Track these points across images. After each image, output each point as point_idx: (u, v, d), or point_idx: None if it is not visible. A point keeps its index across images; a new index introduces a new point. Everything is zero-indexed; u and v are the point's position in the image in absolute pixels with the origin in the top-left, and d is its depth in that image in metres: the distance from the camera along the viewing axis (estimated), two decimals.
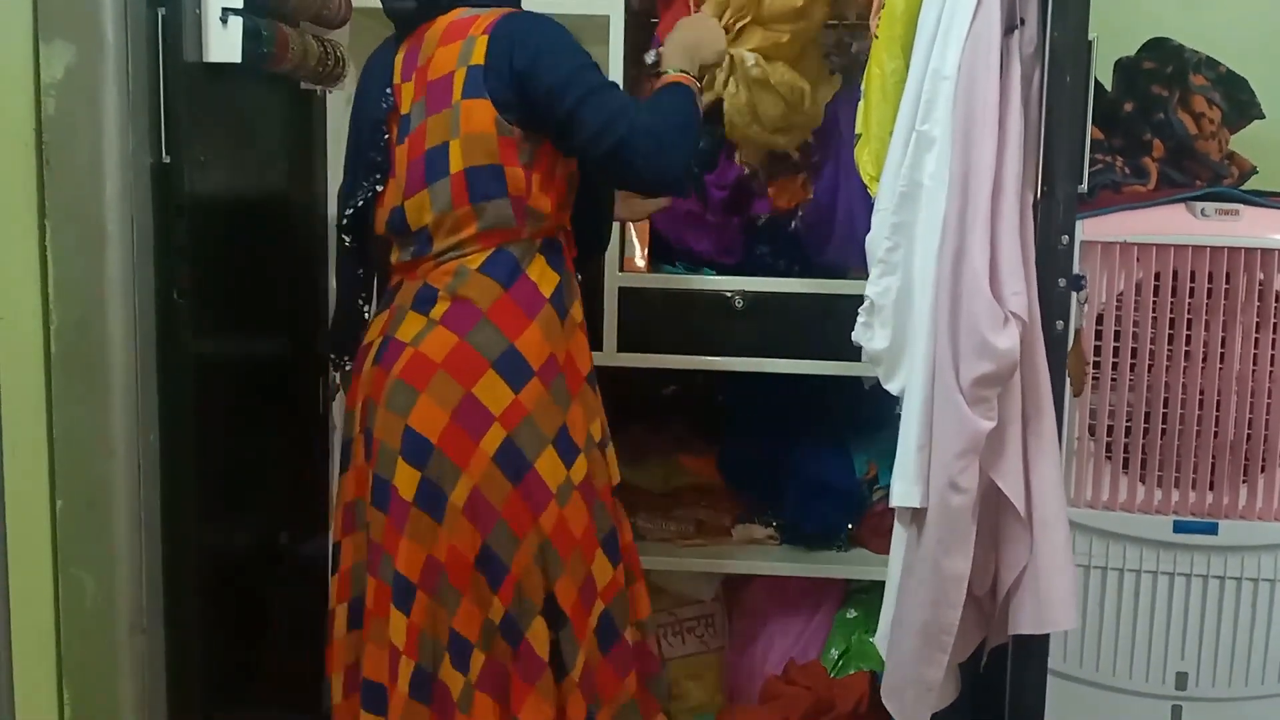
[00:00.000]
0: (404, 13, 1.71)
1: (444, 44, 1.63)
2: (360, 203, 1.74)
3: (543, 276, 1.66)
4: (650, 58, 2.23)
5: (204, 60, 1.68)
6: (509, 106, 1.59)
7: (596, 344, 2.15)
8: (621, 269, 2.20)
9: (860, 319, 1.65)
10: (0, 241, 1.56)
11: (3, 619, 1.59)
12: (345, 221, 1.78)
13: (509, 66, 1.58)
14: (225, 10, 1.67)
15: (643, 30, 2.32)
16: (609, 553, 1.69)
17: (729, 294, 2.19)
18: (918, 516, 1.56)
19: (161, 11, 1.62)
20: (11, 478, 1.58)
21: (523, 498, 1.59)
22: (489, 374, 1.59)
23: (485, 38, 1.60)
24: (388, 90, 1.69)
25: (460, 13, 1.66)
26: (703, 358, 2.21)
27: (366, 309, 1.85)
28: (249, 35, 1.71)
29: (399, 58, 1.71)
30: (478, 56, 1.59)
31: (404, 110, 1.67)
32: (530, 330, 1.62)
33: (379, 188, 1.71)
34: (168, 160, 1.65)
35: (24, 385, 1.59)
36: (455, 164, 1.60)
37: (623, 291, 2.19)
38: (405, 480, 1.59)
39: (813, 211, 2.22)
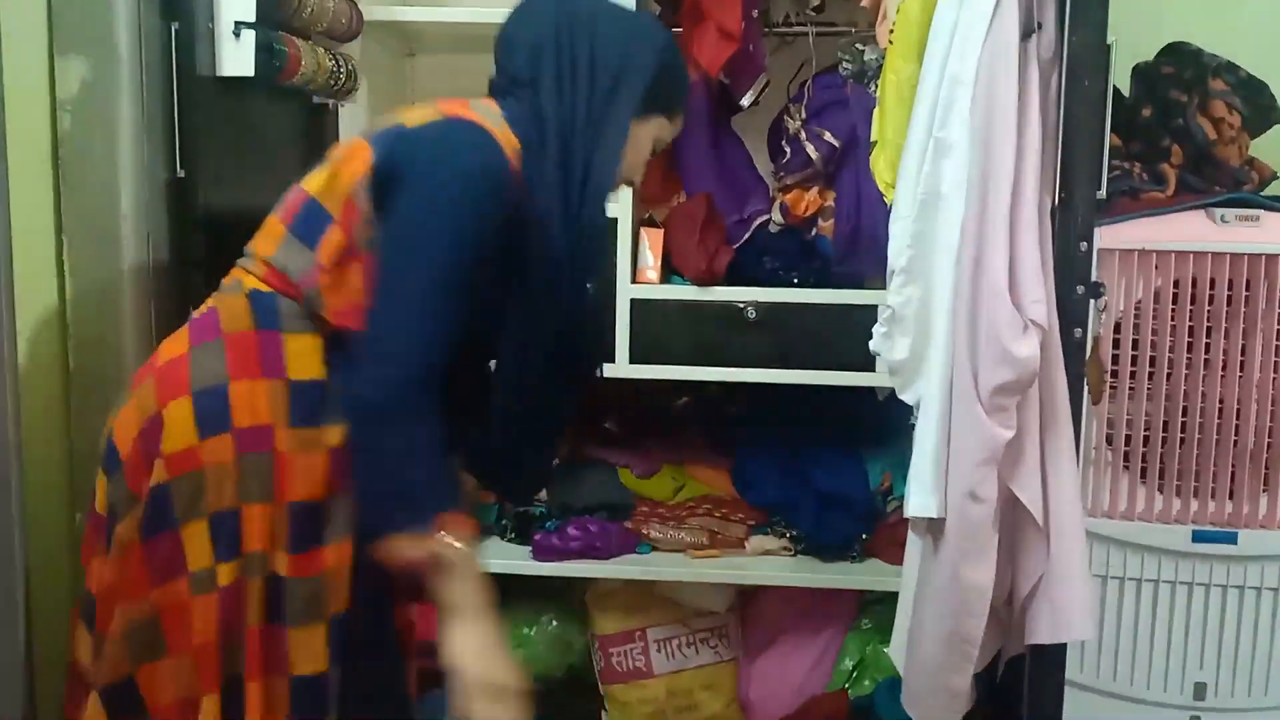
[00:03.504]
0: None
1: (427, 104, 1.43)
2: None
3: (302, 359, 1.36)
4: (747, 100, 2.24)
5: (217, 74, 1.68)
6: (381, 189, 1.34)
7: (609, 355, 2.15)
8: (634, 280, 2.20)
9: (880, 329, 1.64)
10: (18, 257, 1.56)
11: (22, 631, 1.59)
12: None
13: (386, 164, 1.35)
14: (238, 24, 1.68)
15: None
16: (225, 699, 1.34)
17: (742, 305, 2.18)
18: (934, 526, 1.55)
19: (175, 26, 1.63)
20: (31, 491, 1.59)
21: (148, 558, 1.32)
22: (182, 401, 1.33)
23: (434, 120, 1.37)
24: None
25: (474, 102, 1.42)
26: (715, 369, 2.20)
27: None
28: (261, 49, 1.72)
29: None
30: (414, 121, 1.38)
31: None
32: (256, 385, 1.34)
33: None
34: (182, 174, 1.65)
35: (43, 399, 1.60)
36: (309, 184, 1.41)
37: (635, 303, 2.18)
38: (100, 489, 1.38)
39: (842, 220, 2.21)
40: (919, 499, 1.53)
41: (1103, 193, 1.54)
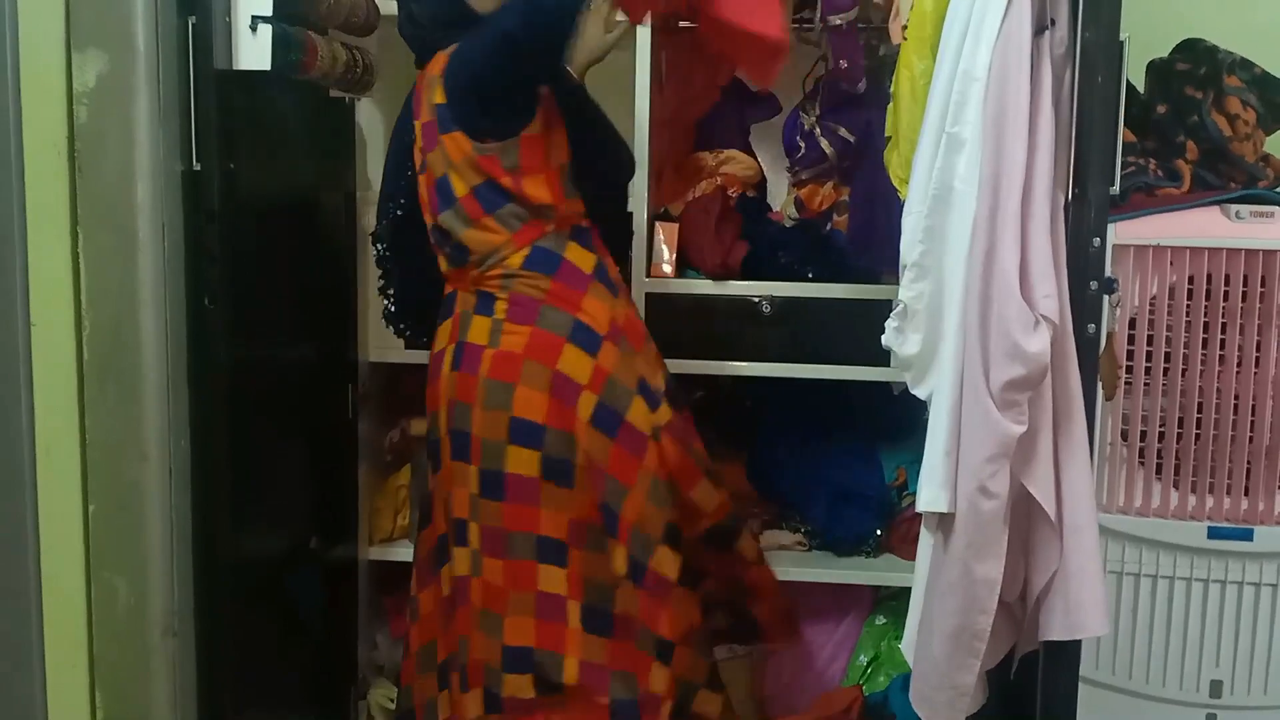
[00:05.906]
0: (417, 44, 1.86)
1: (427, 89, 1.79)
2: (399, 211, 1.90)
3: (580, 258, 1.80)
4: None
5: (234, 68, 1.69)
6: (478, 128, 1.73)
7: None
8: (648, 275, 2.20)
9: (892, 323, 1.64)
10: (33, 248, 1.58)
11: (35, 622, 1.61)
12: (400, 214, 1.90)
13: (461, 90, 1.72)
14: (255, 18, 1.69)
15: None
16: (713, 480, 1.89)
17: (757, 299, 2.18)
18: (945, 522, 1.55)
19: (192, 20, 1.63)
20: (45, 482, 1.60)
21: (624, 450, 1.76)
22: (567, 348, 1.75)
23: (439, 79, 1.75)
24: (412, 124, 1.84)
25: (441, 55, 1.79)
26: (730, 363, 2.21)
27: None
28: (278, 43, 1.73)
29: (414, 93, 1.85)
30: (439, 96, 1.75)
31: (419, 145, 1.82)
32: (587, 301, 1.78)
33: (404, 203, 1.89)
34: (198, 167, 1.66)
35: (57, 391, 1.61)
36: (459, 189, 1.75)
37: (650, 297, 2.19)
38: (524, 462, 1.74)
39: (857, 215, 2.21)
40: (929, 493, 1.53)
41: (1116, 189, 1.53)
